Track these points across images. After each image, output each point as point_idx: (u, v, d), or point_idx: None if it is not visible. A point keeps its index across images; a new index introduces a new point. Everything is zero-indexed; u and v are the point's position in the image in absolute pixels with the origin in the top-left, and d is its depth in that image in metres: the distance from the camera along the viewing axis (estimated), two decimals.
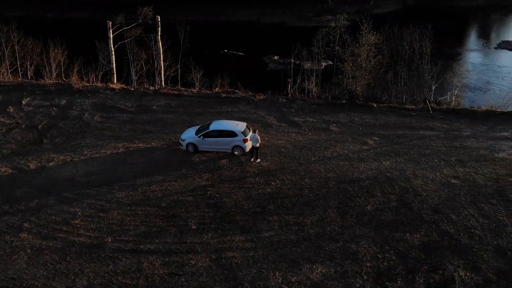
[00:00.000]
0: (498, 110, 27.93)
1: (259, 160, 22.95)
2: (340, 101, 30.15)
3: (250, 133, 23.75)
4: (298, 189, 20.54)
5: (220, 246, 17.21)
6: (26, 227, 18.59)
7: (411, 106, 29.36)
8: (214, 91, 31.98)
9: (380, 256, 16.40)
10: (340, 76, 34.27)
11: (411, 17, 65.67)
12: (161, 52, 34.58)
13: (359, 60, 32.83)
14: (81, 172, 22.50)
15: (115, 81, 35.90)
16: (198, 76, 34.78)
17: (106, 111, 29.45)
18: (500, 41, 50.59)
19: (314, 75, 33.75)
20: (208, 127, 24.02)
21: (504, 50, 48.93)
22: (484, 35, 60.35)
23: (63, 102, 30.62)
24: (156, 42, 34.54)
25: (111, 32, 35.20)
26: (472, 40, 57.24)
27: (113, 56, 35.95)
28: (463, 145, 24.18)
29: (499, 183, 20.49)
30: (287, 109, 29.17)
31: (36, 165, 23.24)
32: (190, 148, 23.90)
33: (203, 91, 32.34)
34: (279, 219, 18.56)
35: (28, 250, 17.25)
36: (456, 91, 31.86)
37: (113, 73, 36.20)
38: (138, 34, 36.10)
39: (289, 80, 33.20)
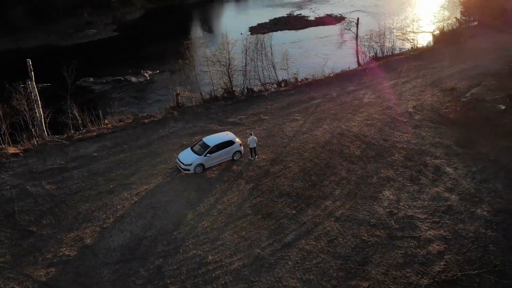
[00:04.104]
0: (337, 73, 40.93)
1: (257, 157, 27.54)
2: (241, 98, 36.28)
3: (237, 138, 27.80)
4: (309, 161, 27.02)
5: (325, 212, 22.47)
6: None
7: (284, 88, 38.68)
8: (131, 121, 31.88)
9: (398, 172, 25.73)
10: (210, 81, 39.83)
11: (155, 19, 72.80)
12: (39, 99, 30.53)
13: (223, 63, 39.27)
14: (137, 230, 21.50)
15: None
16: (77, 114, 33.04)
17: (46, 177, 25.84)
18: (248, 27, 64.69)
19: (199, 84, 37.90)
20: (205, 146, 26.30)
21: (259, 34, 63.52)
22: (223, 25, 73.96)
23: None
24: (30, 88, 30.08)
25: None
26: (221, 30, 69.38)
27: None
28: (342, 101, 35.64)
29: (386, 114, 32.90)
30: (214, 115, 33.25)
31: (74, 249, 20.43)
32: (198, 169, 25.83)
33: (118, 124, 31.62)
34: (329, 182, 24.96)
35: None
36: (288, 70, 42.97)
37: None
38: None
39: (178, 92, 36.22)
